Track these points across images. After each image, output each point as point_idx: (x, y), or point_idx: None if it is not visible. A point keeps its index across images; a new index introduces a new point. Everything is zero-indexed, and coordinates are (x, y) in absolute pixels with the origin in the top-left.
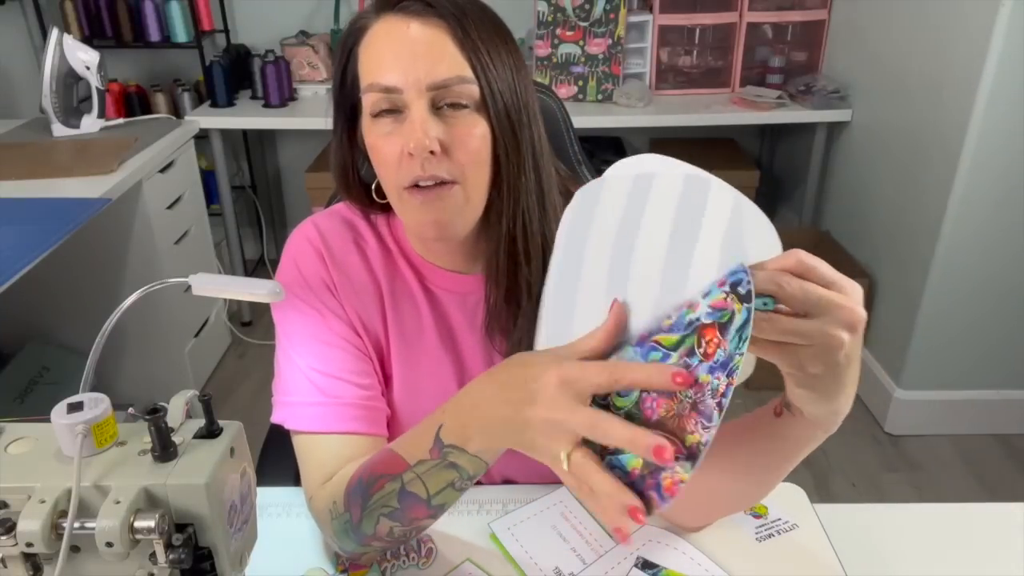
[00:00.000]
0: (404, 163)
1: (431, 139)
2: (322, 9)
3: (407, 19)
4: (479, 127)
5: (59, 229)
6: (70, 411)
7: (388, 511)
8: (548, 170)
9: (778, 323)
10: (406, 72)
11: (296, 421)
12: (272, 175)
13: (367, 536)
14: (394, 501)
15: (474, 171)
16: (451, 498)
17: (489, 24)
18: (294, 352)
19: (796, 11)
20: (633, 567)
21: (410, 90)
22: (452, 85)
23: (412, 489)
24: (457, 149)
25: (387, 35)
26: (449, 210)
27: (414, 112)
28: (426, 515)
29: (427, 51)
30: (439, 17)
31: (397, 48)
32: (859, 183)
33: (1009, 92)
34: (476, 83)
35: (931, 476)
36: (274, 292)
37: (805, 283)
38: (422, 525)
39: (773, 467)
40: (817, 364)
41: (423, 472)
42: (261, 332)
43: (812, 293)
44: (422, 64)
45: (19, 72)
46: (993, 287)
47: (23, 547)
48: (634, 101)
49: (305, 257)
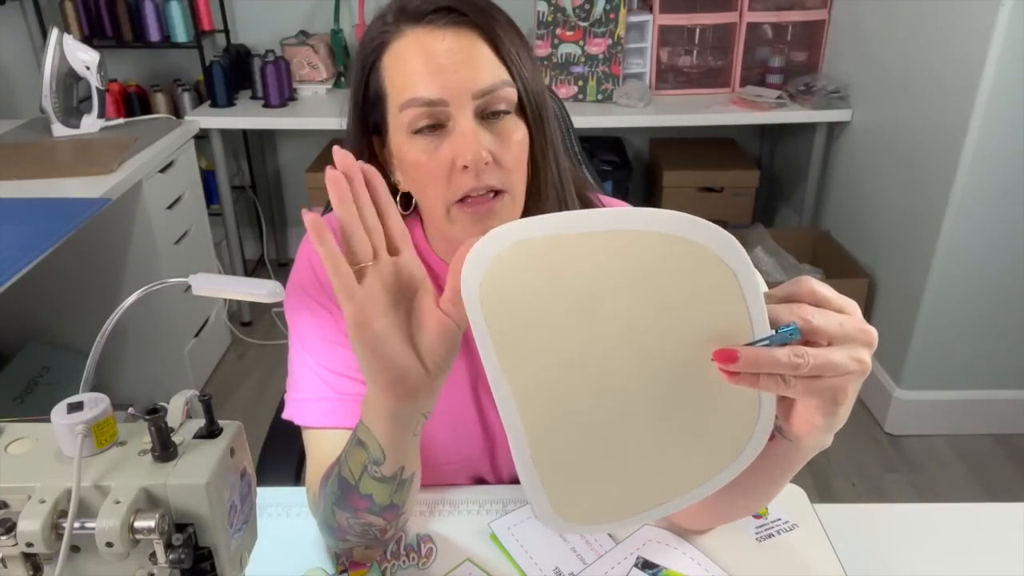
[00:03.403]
0: (455, 176)
1: (486, 151)
2: (322, 9)
3: (438, 31)
4: (520, 131)
5: (59, 229)
6: (70, 411)
7: (335, 499)
8: (566, 163)
9: (811, 359)
10: (449, 83)
11: (304, 417)
12: (272, 175)
13: (336, 529)
14: (336, 487)
15: (519, 176)
16: (376, 490)
17: (511, 25)
18: (305, 351)
19: (796, 11)
20: (633, 567)
21: (455, 101)
22: (496, 90)
23: (343, 474)
24: (504, 156)
25: (420, 49)
26: (500, 219)
27: (462, 123)
28: (364, 507)
29: (467, 60)
30: (471, 26)
31: (434, 60)
32: (859, 183)
33: (1009, 92)
34: (514, 86)
35: (931, 476)
36: (274, 292)
37: (827, 313)
38: (372, 523)
39: (772, 482)
40: (847, 392)
41: (346, 453)
42: (261, 332)
43: (832, 319)
44: (464, 74)
45: (19, 72)
46: (993, 287)
47: (23, 547)
48: (634, 101)
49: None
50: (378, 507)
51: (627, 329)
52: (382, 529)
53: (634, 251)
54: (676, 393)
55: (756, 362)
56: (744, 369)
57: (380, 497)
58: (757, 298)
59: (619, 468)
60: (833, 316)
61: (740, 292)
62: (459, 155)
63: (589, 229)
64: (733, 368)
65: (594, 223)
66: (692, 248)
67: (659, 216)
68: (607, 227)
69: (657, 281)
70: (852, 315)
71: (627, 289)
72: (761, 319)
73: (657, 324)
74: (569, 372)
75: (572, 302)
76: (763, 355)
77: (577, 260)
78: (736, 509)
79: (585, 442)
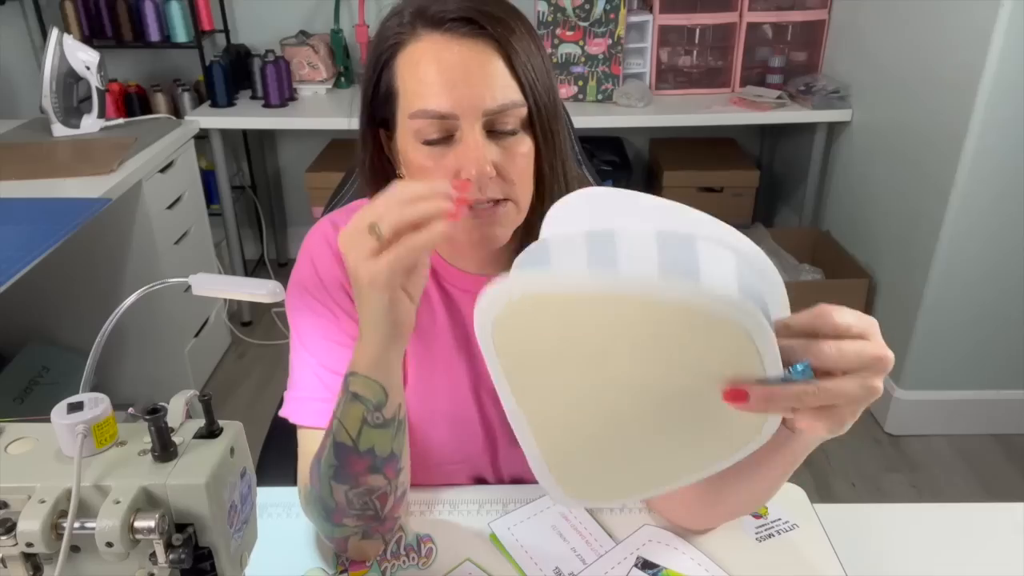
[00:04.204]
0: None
1: (491, 166)
2: (322, 9)
3: (455, 40)
4: (526, 145)
5: (59, 229)
6: (70, 411)
7: (332, 471)
8: (573, 170)
9: (821, 393)
10: (460, 98)
11: (300, 415)
12: (272, 175)
13: (332, 511)
14: (332, 458)
15: (524, 187)
16: (377, 439)
17: (527, 33)
18: (306, 350)
19: (796, 11)
20: (633, 567)
21: (465, 116)
22: (506, 111)
23: (340, 439)
24: (509, 169)
25: (435, 57)
26: (500, 224)
27: (469, 138)
28: (364, 467)
29: (480, 76)
30: (488, 38)
31: (448, 72)
32: (859, 183)
33: (1009, 92)
34: (525, 104)
35: (931, 476)
36: (274, 292)
37: (844, 346)
38: (372, 485)
39: (775, 475)
40: (855, 414)
41: (340, 415)
42: (261, 332)
43: (848, 352)
44: (476, 90)
45: (19, 72)
46: (993, 287)
47: (23, 547)
48: (634, 101)
49: (323, 258)
50: (380, 460)
51: (637, 378)
52: (382, 496)
53: (648, 313)
54: (682, 413)
55: (767, 400)
56: (755, 408)
57: (382, 446)
58: (770, 345)
59: (627, 462)
60: (850, 348)
61: (755, 346)
62: (464, 167)
63: (600, 291)
64: (743, 407)
65: (604, 285)
66: (705, 313)
67: (669, 286)
68: (618, 291)
69: (669, 340)
70: (871, 339)
71: (638, 348)
72: (774, 362)
73: (668, 374)
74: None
75: (582, 352)
76: (775, 393)
77: (587, 317)
78: (737, 505)
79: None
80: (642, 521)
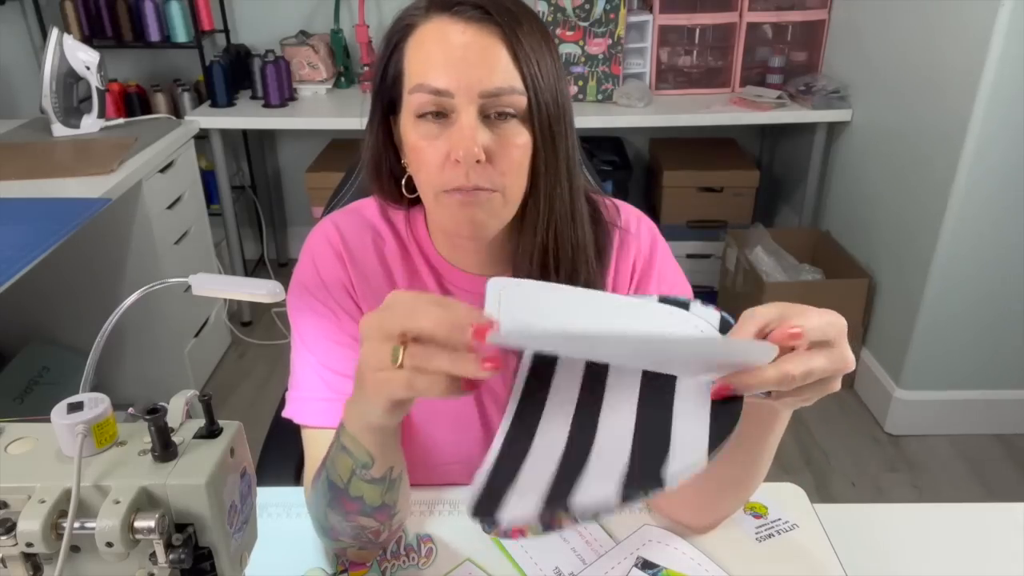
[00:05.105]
0: (448, 168)
1: (479, 148)
2: (322, 9)
3: (462, 23)
4: (522, 137)
5: (59, 229)
6: (70, 411)
7: (326, 500)
8: (579, 179)
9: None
10: (459, 77)
11: (304, 416)
12: (272, 175)
13: (329, 530)
14: (326, 489)
15: (514, 180)
16: (367, 491)
17: (538, 32)
18: (307, 350)
19: (796, 11)
20: (633, 567)
21: (461, 96)
22: (503, 95)
23: (331, 477)
24: (501, 159)
25: (440, 37)
26: (486, 211)
27: (463, 119)
28: (355, 509)
29: (481, 58)
30: (495, 24)
31: (450, 52)
32: (859, 183)
33: (1009, 92)
34: (525, 94)
35: (931, 476)
36: (274, 293)
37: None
38: (363, 524)
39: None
40: (837, 385)
41: (332, 458)
42: (261, 332)
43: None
44: (475, 71)
45: (19, 72)
46: (993, 287)
47: (23, 547)
48: (634, 101)
49: (324, 258)
50: (369, 508)
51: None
52: (375, 531)
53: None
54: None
55: (748, 388)
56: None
57: (371, 498)
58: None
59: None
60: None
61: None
62: (453, 148)
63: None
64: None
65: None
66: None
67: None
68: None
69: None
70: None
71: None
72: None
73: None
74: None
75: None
76: (754, 381)
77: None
78: (731, 485)
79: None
80: (642, 521)
